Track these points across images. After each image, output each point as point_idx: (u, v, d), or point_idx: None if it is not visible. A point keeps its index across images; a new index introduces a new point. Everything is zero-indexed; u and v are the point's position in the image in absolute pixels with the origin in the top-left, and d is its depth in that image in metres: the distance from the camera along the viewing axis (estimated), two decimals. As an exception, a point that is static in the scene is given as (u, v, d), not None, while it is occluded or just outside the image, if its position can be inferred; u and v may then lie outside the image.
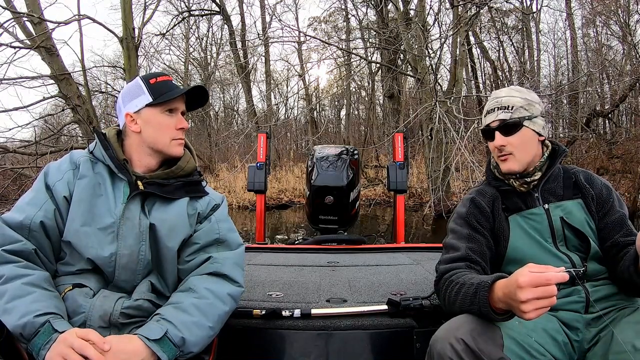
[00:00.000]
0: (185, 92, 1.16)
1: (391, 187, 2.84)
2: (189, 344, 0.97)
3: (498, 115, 1.20)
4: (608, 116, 10.44)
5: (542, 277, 0.82)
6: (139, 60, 8.79)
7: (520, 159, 1.20)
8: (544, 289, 0.82)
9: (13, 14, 6.36)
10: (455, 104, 5.75)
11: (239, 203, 10.89)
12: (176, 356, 0.95)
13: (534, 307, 0.83)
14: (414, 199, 10.18)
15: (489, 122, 1.23)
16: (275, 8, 11.86)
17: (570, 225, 1.17)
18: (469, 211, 1.24)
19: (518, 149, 1.19)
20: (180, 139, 1.17)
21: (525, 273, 0.84)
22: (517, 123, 1.19)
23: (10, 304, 0.91)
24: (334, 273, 1.86)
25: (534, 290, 0.82)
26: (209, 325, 1.02)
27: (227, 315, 1.09)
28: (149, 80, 1.14)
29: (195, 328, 0.99)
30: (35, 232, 1.01)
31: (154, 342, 0.92)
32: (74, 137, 9.13)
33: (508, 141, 1.19)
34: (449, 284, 1.08)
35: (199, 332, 0.99)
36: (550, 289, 0.82)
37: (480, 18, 10.66)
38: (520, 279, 0.83)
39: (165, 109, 1.14)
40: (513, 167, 1.20)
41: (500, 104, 1.21)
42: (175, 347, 0.95)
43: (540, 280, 0.82)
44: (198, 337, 0.99)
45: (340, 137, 16.49)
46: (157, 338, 0.93)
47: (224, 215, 1.21)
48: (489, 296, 0.93)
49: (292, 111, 17.93)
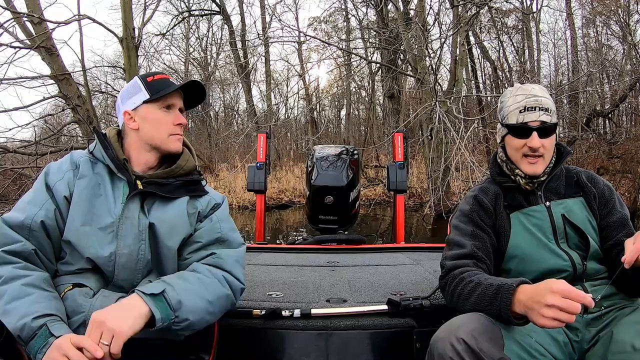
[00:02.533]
0: (181, 87, 1.16)
1: (391, 187, 2.84)
2: (185, 309, 0.95)
3: (540, 116, 1.18)
4: (608, 116, 10.44)
5: (575, 292, 0.85)
6: (139, 60, 8.81)
7: (547, 160, 1.21)
8: (571, 303, 0.84)
9: (13, 14, 6.37)
10: (455, 104, 5.76)
11: (239, 203, 10.89)
12: (171, 321, 0.94)
13: (554, 315, 0.84)
14: (414, 199, 10.18)
15: (528, 121, 1.19)
16: (275, 8, 11.87)
17: (571, 223, 1.17)
18: (472, 208, 1.24)
19: (548, 152, 1.20)
20: (179, 134, 1.17)
21: (561, 282, 0.87)
22: (554, 127, 1.20)
23: (10, 305, 0.91)
24: (334, 273, 1.86)
25: (562, 299, 0.84)
26: (209, 299, 1.01)
27: (227, 300, 1.07)
28: (147, 79, 1.15)
29: (194, 296, 0.98)
30: (36, 231, 1.02)
31: (150, 296, 0.92)
32: (74, 137, 9.14)
33: (543, 143, 1.18)
34: (461, 280, 1.07)
35: (198, 302, 0.99)
36: (575, 305, 0.84)
37: (480, 18, 10.65)
38: (555, 285, 0.86)
39: (162, 105, 1.15)
40: (539, 170, 1.20)
41: (541, 105, 1.18)
42: (170, 310, 0.93)
43: (573, 295, 0.85)
44: (196, 305, 0.98)
45: (340, 137, 16.49)
46: (154, 293, 0.93)
47: (226, 214, 1.21)
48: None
49: (292, 111, 17.95)
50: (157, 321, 0.91)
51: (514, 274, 1.19)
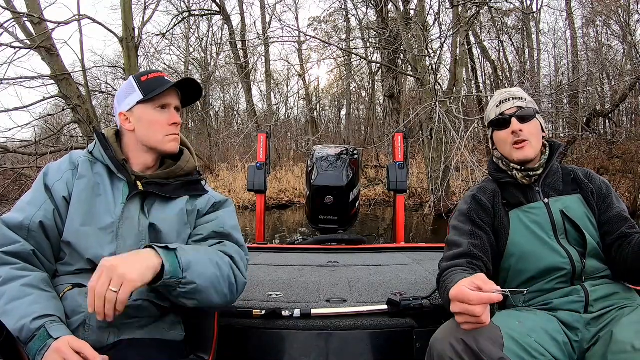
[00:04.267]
0: (175, 84, 1.14)
1: (391, 187, 2.84)
2: (193, 271, 0.95)
3: (515, 103, 1.25)
4: (608, 116, 10.43)
5: (465, 294, 0.82)
6: (139, 60, 8.80)
7: (535, 146, 1.23)
8: (465, 306, 0.83)
9: (13, 14, 6.37)
10: (456, 104, 5.75)
11: (239, 203, 10.88)
12: (179, 279, 0.93)
13: (463, 320, 0.84)
14: (414, 199, 10.18)
15: (504, 110, 1.26)
16: (275, 8, 11.85)
17: (570, 219, 1.18)
18: (470, 207, 1.25)
19: (532, 136, 1.23)
20: (174, 134, 1.15)
21: (456, 287, 0.85)
22: (531, 113, 1.25)
23: (9, 306, 0.91)
24: (334, 273, 1.86)
25: (460, 305, 0.84)
26: (217, 273, 1.01)
27: (231, 286, 1.05)
28: (141, 78, 1.14)
29: (204, 262, 0.99)
30: (35, 232, 1.01)
31: (163, 249, 0.93)
32: (74, 137, 9.15)
33: (523, 127, 1.23)
34: (443, 282, 1.09)
35: (207, 268, 0.99)
36: (471, 308, 0.82)
37: (480, 18, 10.65)
38: (452, 292, 0.84)
39: (156, 105, 1.13)
40: (529, 154, 1.22)
41: (514, 95, 1.27)
42: (179, 268, 0.93)
43: (462, 297, 0.83)
44: (205, 270, 0.98)
45: (341, 137, 16.49)
46: (167, 247, 0.94)
47: (230, 213, 1.20)
48: None
49: (292, 111, 17.97)
50: (166, 273, 0.91)
51: (513, 272, 1.19)
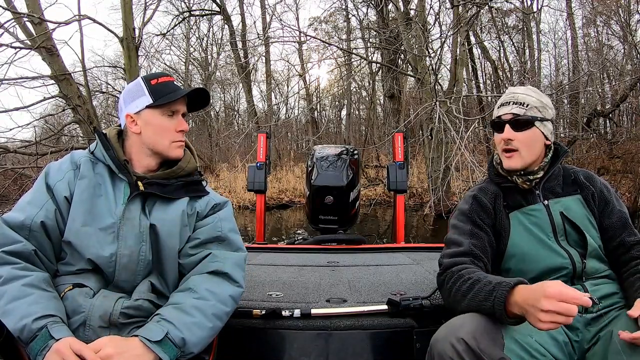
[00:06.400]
0: (187, 94, 1.14)
1: (391, 187, 2.84)
2: (189, 345, 0.97)
3: (512, 109, 1.21)
4: (609, 116, 10.43)
5: (569, 293, 0.84)
6: (139, 60, 8.80)
7: (524, 157, 1.21)
8: (567, 306, 0.83)
9: (13, 14, 6.37)
10: (456, 104, 5.74)
11: (239, 203, 10.88)
12: (177, 356, 0.95)
13: (551, 320, 0.84)
14: (414, 199, 10.17)
15: (501, 114, 1.23)
16: (275, 8, 11.84)
17: (570, 221, 1.18)
18: (471, 208, 1.25)
19: (524, 146, 1.20)
20: (180, 141, 1.16)
21: (555, 285, 0.86)
22: (528, 121, 1.20)
23: (10, 306, 0.91)
24: (334, 273, 1.86)
25: (557, 303, 0.84)
26: (210, 325, 1.02)
27: (228, 315, 1.09)
28: (150, 81, 1.13)
29: (196, 328, 0.99)
30: (36, 232, 1.01)
31: (156, 343, 0.92)
32: (75, 137, 9.14)
33: (516, 136, 1.20)
34: (459, 277, 1.07)
35: (200, 333, 0.99)
36: (572, 308, 0.83)
37: (481, 18, 10.65)
38: (549, 289, 0.85)
39: (165, 110, 1.13)
40: (515, 165, 1.21)
41: (515, 99, 1.22)
42: (176, 348, 0.95)
43: (569, 297, 0.84)
44: (199, 337, 0.99)
45: (341, 137, 16.47)
46: (158, 339, 0.93)
47: (228, 215, 1.20)
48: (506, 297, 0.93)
49: (292, 111, 17.94)
50: None
51: (514, 273, 1.19)
